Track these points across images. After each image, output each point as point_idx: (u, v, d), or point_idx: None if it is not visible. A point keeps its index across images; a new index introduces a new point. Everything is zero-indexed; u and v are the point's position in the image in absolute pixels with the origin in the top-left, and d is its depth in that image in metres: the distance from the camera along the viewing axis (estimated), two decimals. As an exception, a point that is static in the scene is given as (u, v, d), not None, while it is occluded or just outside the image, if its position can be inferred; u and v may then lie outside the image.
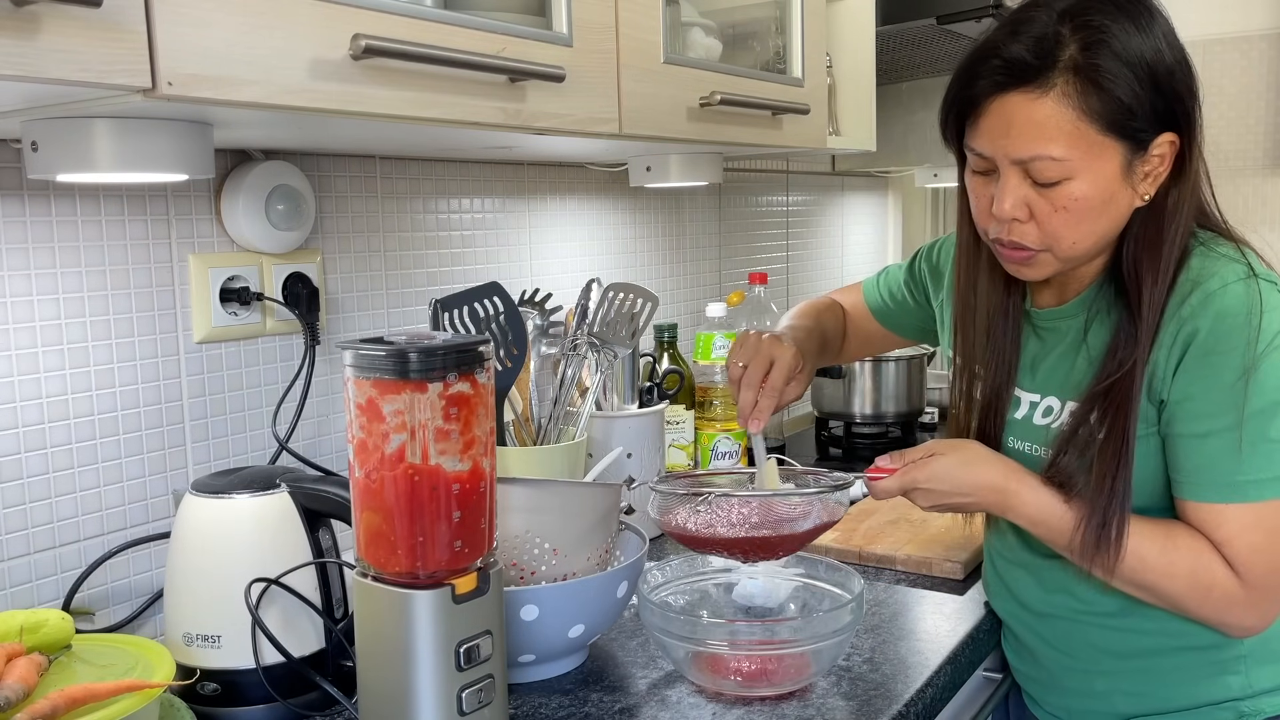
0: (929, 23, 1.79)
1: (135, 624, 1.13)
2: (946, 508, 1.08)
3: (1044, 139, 0.95)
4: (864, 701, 1.00)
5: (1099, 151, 0.96)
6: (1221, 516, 0.98)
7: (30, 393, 1.04)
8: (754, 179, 2.20)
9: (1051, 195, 0.98)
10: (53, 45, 0.65)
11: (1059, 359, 1.10)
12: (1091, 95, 0.94)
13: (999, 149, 0.98)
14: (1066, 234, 0.99)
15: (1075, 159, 0.95)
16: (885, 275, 1.41)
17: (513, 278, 1.57)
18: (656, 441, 1.47)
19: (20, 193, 1.02)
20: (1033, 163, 0.97)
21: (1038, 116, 0.95)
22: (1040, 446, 1.10)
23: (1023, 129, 0.96)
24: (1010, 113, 0.96)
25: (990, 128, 0.99)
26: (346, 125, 0.98)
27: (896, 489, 1.07)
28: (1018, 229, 1.01)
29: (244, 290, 1.20)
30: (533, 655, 1.03)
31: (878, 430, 2.06)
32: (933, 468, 1.05)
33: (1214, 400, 0.97)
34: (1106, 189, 0.97)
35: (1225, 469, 0.98)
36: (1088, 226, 0.99)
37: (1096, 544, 1.00)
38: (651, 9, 1.15)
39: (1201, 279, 0.99)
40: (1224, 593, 0.99)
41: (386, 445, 0.81)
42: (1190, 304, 0.98)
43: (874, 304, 1.41)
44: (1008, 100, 0.96)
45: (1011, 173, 0.99)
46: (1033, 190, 0.98)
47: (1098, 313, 1.07)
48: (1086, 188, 0.97)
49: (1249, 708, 1.05)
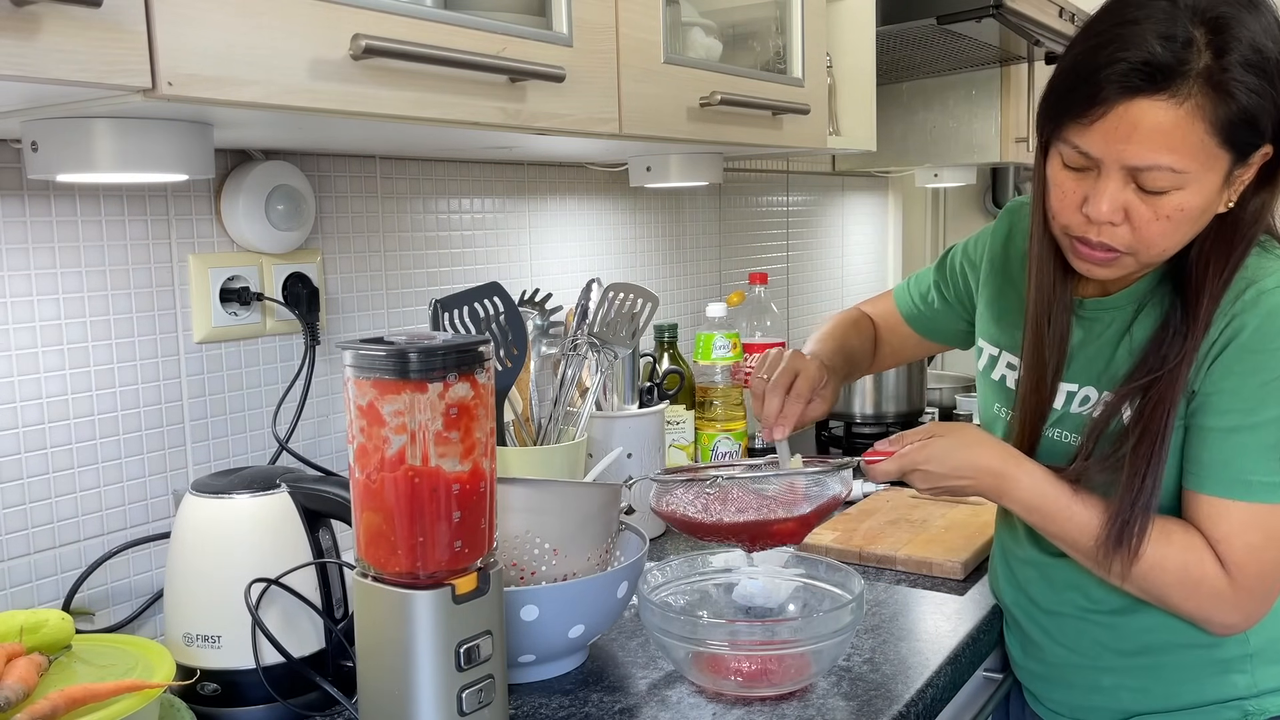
0: (929, 23, 1.78)
1: (135, 624, 1.13)
2: (944, 490, 1.08)
3: (1168, 149, 0.90)
4: (864, 702, 1.00)
5: (1213, 164, 0.92)
6: (1225, 512, 0.98)
7: (30, 393, 1.04)
8: (754, 179, 2.20)
9: (1156, 204, 0.93)
10: (53, 45, 0.64)
11: (1100, 349, 1.09)
12: (1221, 107, 0.89)
13: (1114, 153, 0.92)
14: (1160, 242, 0.96)
15: (1192, 171, 0.91)
16: (915, 280, 1.39)
17: (513, 278, 1.57)
18: (656, 441, 1.47)
19: (20, 193, 1.02)
20: (1148, 171, 0.92)
21: (1166, 126, 0.89)
22: (1075, 435, 1.09)
23: (1148, 137, 0.90)
24: (1136, 118, 0.90)
25: (1110, 130, 0.92)
26: (346, 125, 0.98)
27: (895, 471, 1.06)
28: (1108, 231, 0.97)
29: (244, 290, 1.20)
30: (533, 655, 1.03)
31: (878, 430, 2.05)
32: (931, 449, 1.05)
33: (1245, 396, 0.97)
34: (1209, 200, 0.94)
35: (1241, 466, 0.97)
36: (1182, 235, 0.96)
37: (1119, 541, 1.00)
38: (651, 9, 1.15)
39: (1258, 276, 0.98)
40: (1212, 589, 0.99)
41: (386, 446, 0.81)
42: (1244, 300, 0.97)
43: (906, 309, 1.39)
44: (1135, 105, 0.90)
45: (1117, 175, 0.94)
46: (1135, 195, 0.94)
47: (1145, 305, 1.05)
48: (1193, 198, 0.93)
49: (1253, 707, 1.05)
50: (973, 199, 3.06)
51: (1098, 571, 1.04)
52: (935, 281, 1.35)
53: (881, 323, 1.42)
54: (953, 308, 1.34)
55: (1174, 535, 1.00)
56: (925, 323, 1.38)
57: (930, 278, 1.36)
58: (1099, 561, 1.02)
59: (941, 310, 1.35)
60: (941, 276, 1.34)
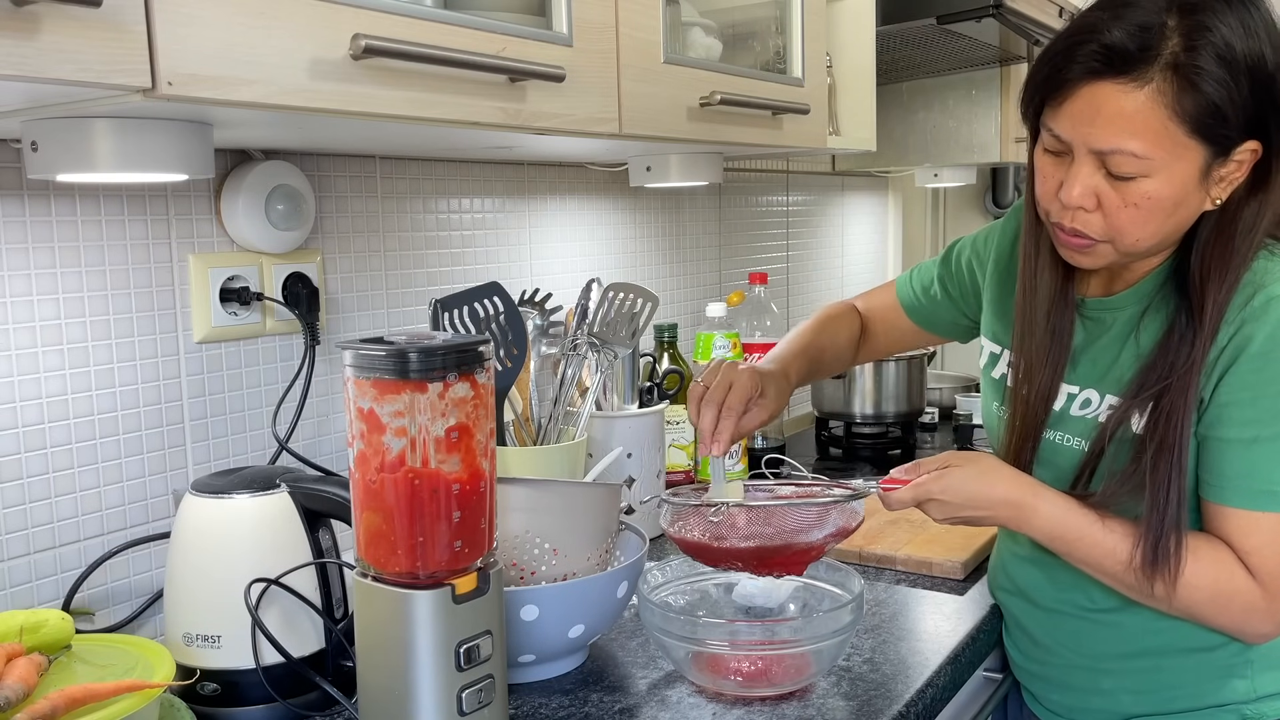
0: (929, 23, 1.78)
1: (135, 624, 1.13)
2: (960, 520, 1.06)
3: (1129, 133, 0.92)
4: (864, 702, 1.00)
5: (1181, 153, 0.93)
6: (1254, 524, 0.97)
7: (30, 393, 1.04)
8: (754, 179, 2.20)
9: (1124, 190, 0.95)
10: (53, 45, 0.64)
11: (1102, 351, 1.09)
12: (1186, 96, 0.90)
13: (1080, 135, 0.95)
14: (1132, 230, 0.97)
15: (1157, 157, 0.92)
16: (918, 271, 1.39)
17: (513, 278, 1.57)
18: (656, 441, 1.47)
19: (20, 193, 1.02)
20: (1112, 155, 0.94)
21: (1127, 109, 0.92)
22: (1078, 439, 1.09)
23: (1110, 120, 0.93)
24: (1100, 101, 0.93)
25: (1075, 112, 0.95)
26: (347, 125, 0.98)
27: (910, 500, 1.05)
28: (1082, 217, 0.98)
29: (244, 290, 1.20)
30: (533, 655, 1.03)
31: (878, 430, 2.06)
32: (947, 480, 1.04)
33: (1263, 407, 0.96)
34: (1181, 190, 0.95)
35: (1266, 476, 0.97)
36: (1155, 226, 0.97)
37: (1154, 561, 0.98)
38: (651, 9, 1.15)
39: (1266, 281, 0.98)
40: (1245, 602, 0.98)
41: (386, 446, 0.81)
42: (1252, 306, 0.97)
43: (906, 300, 1.39)
44: (1099, 88, 0.93)
45: (1087, 161, 0.96)
46: (1105, 181, 0.96)
47: (1150, 306, 1.05)
48: (1161, 187, 0.94)
49: (1252, 711, 1.05)
50: (973, 199, 3.06)
51: (1137, 596, 1.02)
52: (939, 275, 1.34)
53: (878, 315, 1.42)
54: (955, 302, 1.33)
55: (1201, 551, 0.99)
56: (925, 314, 1.38)
57: (934, 271, 1.35)
58: (1137, 585, 1.00)
59: (943, 303, 1.35)
60: (946, 270, 1.34)
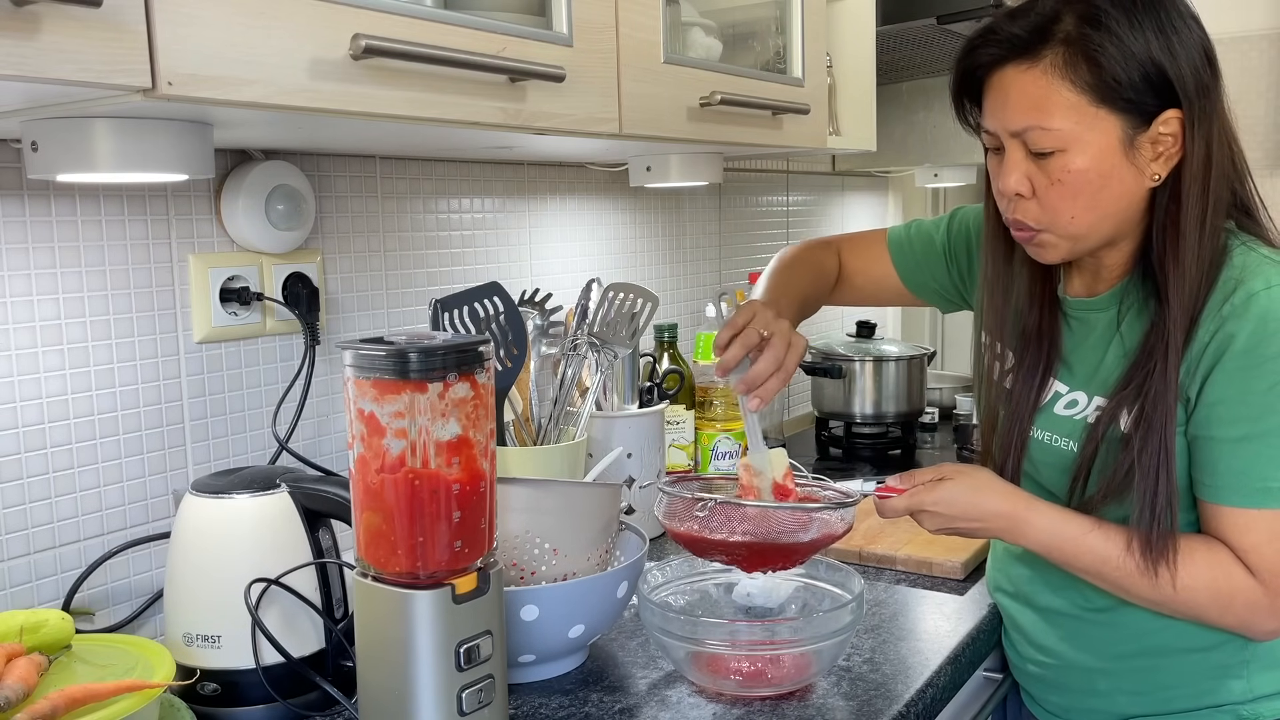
0: (929, 23, 1.79)
1: (135, 624, 1.13)
2: (953, 531, 1.07)
3: (1035, 109, 0.97)
4: (864, 702, 1.00)
5: (1093, 123, 0.96)
6: (1250, 522, 0.98)
7: (30, 393, 1.04)
8: (754, 179, 2.20)
9: (1048, 167, 0.99)
10: (53, 45, 0.64)
11: (1088, 351, 1.09)
12: (1080, 65, 0.95)
13: (998, 122, 1.01)
14: (1063, 208, 1.00)
15: (1067, 129, 0.97)
16: (916, 223, 1.37)
17: (513, 278, 1.57)
18: (656, 441, 1.47)
19: (20, 193, 1.02)
20: (1027, 133, 0.98)
21: (1029, 87, 0.97)
22: (1066, 439, 1.09)
23: (1017, 100, 0.98)
24: (1006, 85, 0.99)
25: (990, 102, 1.02)
26: (346, 125, 0.98)
27: (904, 509, 1.06)
28: (1021, 206, 1.02)
29: (244, 290, 1.20)
30: (533, 655, 1.03)
31: (878, 430, 2.06)
32: (941, 492, 1.04)
33: (1252, 404, 0.96)
34: (1105, 162, 0.98)
35: (1260, 474, 0.97)
36: (1085, 201, 0.99)
37: (1149, 549, 0.99)
38: (651, 9, 1.15)
39: (1245, 277, 0.98)
40: (1247, 601, 0.98)
41: (386, 447, 0.81)
42: (1232, 303, 0.97)
43: (895, 244, 1.36)
44: (1004, 74, 0.99)
45: (1013, 146, 1.01)
46: (1033, 164, 1.00)
47: (1132, 306, 1.06)
48: (1083, 160, 0.97)
49: (1248, 712, 1.05)
50: (973, 199, 3.06)
51: (1143, 592, 1.01)
52: (943, 230, 1.33)
53: (858, 264, 1.39)
54: (943, 260, 1.32)
55: (1197, 552, 0.99)
56: (909, 261, 1.35)
57: (931, 226, 1.35)
58: (1139, 578, 1.00)
59: (931, 259, 1.33)
60: (948, 229, 1.33)
